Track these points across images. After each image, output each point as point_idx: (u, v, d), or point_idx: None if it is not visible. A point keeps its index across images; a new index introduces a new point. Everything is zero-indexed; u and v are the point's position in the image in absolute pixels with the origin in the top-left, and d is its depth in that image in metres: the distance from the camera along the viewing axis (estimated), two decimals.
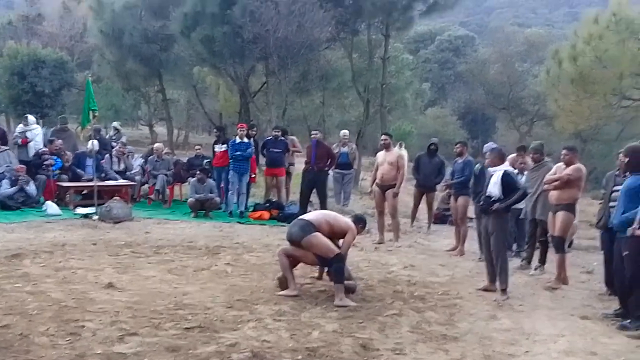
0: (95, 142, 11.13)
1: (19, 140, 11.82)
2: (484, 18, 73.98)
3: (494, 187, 6.16)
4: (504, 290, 6.07)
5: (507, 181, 6.11)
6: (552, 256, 7.14)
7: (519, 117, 32.28)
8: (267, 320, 4.85)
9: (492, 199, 6.15)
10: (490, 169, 6.39)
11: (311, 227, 5.74)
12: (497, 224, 6.16)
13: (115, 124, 14.92)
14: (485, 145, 8.74)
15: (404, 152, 9.34)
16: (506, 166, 6.40)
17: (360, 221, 6.36)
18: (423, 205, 10.60)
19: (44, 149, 11.60)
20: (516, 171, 7.62)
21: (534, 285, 6.80)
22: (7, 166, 10.74)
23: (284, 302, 5.39)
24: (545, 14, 77.24)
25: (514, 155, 8.54)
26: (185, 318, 4.77)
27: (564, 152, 7.00)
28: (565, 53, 16.52)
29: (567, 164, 6.90)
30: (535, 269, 7.38)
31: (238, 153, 10.80)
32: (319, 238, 5.68)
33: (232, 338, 4.34)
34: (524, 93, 31.44)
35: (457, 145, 9.01)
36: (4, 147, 11.28)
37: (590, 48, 15.27)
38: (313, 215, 6.16)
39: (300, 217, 6.24)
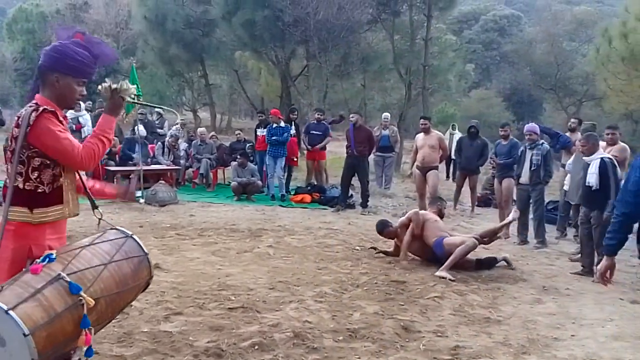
0: (142, 127, 11.34)
1: (74, 126, 12.11)
2: None
3: (592, 177, 6.19)
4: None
5: (605, 169, 6.14)
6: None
7: (567, 98, 31.36)
8: (309, 301, 4.89)
9: (592, 189, 6.19)
10: (585, 158, 6.36)
11: None
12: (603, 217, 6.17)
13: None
14: (526, 126, 8.37)
15: (457, 134, 9.33)
16: (601, 153, 6.33)
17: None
18: (466, 189, 10.48)
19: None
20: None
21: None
22: None
23: (325, 284, 5.42)
24: None
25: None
26: (229, 299, 4.85)
27: (607, 131, 6.95)
28: (616, 31, 15.96)
29: (611, 144, 6.73)
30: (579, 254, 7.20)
31: (274, 138, 10.87)
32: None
33: (274, 318, 4.40)
34: (572, 73, 30.50)
35: (504, 128, 9.05)
36: None
37: None
38: None
39: None
